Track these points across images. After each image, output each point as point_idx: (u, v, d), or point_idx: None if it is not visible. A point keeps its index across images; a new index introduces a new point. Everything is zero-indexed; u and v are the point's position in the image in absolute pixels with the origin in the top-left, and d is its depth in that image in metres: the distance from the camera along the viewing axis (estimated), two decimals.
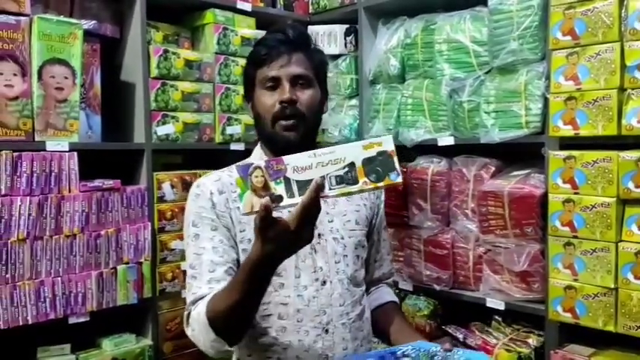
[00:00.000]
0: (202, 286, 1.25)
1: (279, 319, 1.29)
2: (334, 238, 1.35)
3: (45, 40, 1.78)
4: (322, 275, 1.32)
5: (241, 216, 1.29)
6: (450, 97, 2.05)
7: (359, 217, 1.42)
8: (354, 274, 1.37)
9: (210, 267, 1.26)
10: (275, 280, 1.27)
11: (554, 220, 1.69)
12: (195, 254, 1.29)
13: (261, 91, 1.33)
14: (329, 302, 1.31)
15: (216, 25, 2.25)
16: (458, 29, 2.02)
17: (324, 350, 1.30)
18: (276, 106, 1.30)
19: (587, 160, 1.62)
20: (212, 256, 1.27)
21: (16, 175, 1.72)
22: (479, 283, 2.01)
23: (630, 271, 1.56)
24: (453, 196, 2.07)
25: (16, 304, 1.71)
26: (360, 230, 1.41)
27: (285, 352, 1.29)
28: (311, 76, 1.34)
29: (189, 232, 1.31)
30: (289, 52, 1.31)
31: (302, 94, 1.32)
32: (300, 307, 1.29)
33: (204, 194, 1.31)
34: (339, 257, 1.35)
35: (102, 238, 1.90)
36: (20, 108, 1.75)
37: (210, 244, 1.28)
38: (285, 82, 1.30)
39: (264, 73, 1.32)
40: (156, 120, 2.09)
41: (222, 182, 1.33)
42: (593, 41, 1.61)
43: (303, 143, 1.31)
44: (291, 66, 1.31)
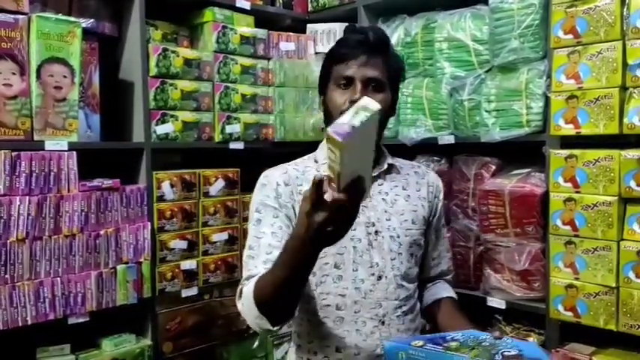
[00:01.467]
0: (258, 265, 1.30)
1: (337, 309, 1.36)
2: (391, 236, 1.40)
3: (43, 38, 1.77)
4: (378, 270, 1.38)
5: None
6: (450, 95, 2.04)
7: (416, 216, 1.46)
8: (407, 271, 1.42)
9: (268, 249, 1.31)
10: (334, 272, 1.36)
11: (556, 219, 1.69)
12: (255, 237, 1.35)
13: (334, 87, 1.38)
14: (385, 296, 1.37)
15: (215, 23, 2.24)
16: (458, 27, 2.01)
17: (382, 341, 1.35)
18: (345, 105, 1.33)
19: (589, 159, 1.62)
20: (271, 240, 1.32)
21: (15, 174, 1.71)
22: (479, 282, 2.01)
23: (632, 270, 1.56)
24: (453, 195, 2.07)
25: (15, 304, 1.70)
26: (416, 230, 1.46)
27: (344, 340, 1.35)
28: (384, 80, 1.37)
29: (252, 217, 1.38)
30: (367, 54, 1.35)
31: (373, 97, 1.32)
32: (357, 299, 1.36)
33: (271, 184, 1.39)
34: (394, 254, 1.40)
35: (101, 238, 1.89)
36: (19, 107, 1.73)
37: (270, 229, 1.34)
38: (358, 82, 1.34)
39: (339, 71, 1.37)
40: (155, 119, 2.08)
41: (289, 175, 1.41)
42: (594, 40, 1.61)
43: None
44: (366, 68, 1.35)
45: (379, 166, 1.46)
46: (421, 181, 1.52)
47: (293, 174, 1.41)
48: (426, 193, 1.51)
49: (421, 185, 1.52)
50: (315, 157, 1.48)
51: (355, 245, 1.37)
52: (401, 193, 1.47)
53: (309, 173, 1.42)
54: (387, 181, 1.47)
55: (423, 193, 1.51)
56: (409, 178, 1.51)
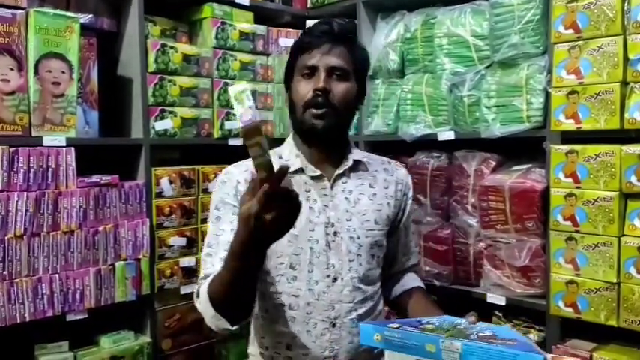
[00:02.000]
0: (215, 263, 1.29)
1: (290, 309, 1.34)
2: (350, 237, 1.37)
3: (41, 33, 1.76)
4: (334, 272, 1.35)
5: None
6: (450, 91, 2.03)
7: (379, 216, 1.43)
8: (366, 272, 1.39)
9: (226, 246, 1.27)
10: (289, 272, 1.33)
11: (556, 215, 1.69)
12: (214, 234, 1.34)
13: (298, 78, 1.35)
14: (339, 298, 1.34)
15: (214, 19, 2.23)
16: (458, 23, 2.01)
17: (331, 343, 1.33)
18: (309, 94, 1.31)
19: (589, 155, 1.61)
20: (229, 237, 1.27)
21: (13, 170, 1.70)
22: (479, 279, 2.01)
23: (633, 266, 1.55)
24: (453, 192, 2.06)
25: (13, 301, 1.69)
26: (378, 230, 1.42)
27: (294, 340, 1.33)
28: (349, 69, 1.35)
29: (212, 215, 1.37)
30: (331, 43, 1.33)
31: (336, 86, 1.32)
32: (310, 301, 1.33)
33: (231, 182, 1.36)
34: (352, 256, 1.37)
35: (100, 235, 1.88)
36: (17, 103, 1.73)
37: (229, 226, 1.31)
38: (321, 71, 1.32)
39: (303, 60, 1.34)
40: (154, 115, 2.07)
41: (250, 172, 1.36)
42: (595, 35, 1.60)
43: (332, 134, 1.35)
44: (330, 56, 1.32)
45: (344, 163, 1.41)
46: (390, 179, 1.48)
47: (254, 171, 1.36)
48: (394, 192, 1.47)
49: (389, 183, 1.48)
50: (279, 153, 1.44)
51: (312, 246, 1.34)
52: (366, 192, 1.42)
53: None
54: (351, 179, 1.42)
55: (390, 191, 1.47)
56: (377, 175, 1.47)
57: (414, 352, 1.06)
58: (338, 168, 1.40)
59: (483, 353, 0.99)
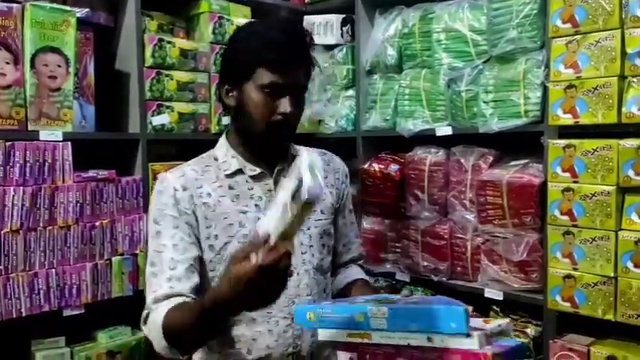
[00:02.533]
0: (162, 284, 1.23)
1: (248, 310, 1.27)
2: (300, 229, 1.33)
3: (38, 27, 1.75)
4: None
5: (210, 212, 1.28)
6: (448, 86, 2.03)
7: (324, 205, 1.41)
8: (320, 262, 1.38)
9: (171, 264, 1.24)
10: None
11: (554, 209, 1.69)
12: (155, 251, 1.27)
13: (258, 91, 1.25)
14: (297, 292, 1.32)
15: (211, 14, 2.23)
16: (456, 18, 2.00)
17: (294, 339, 1.31)
18: (276, 116, 1.25)
19: (587, 149, 1.61)
20: (172, 254, 1.25)
21: (9, 164, 1.69)
22: (477, 274, 2.00)
23: (630, 260, 1.55)
24: (450, 187, 2.06)
25: (9, 296, 1.69)
26: (325, 219, 1.41)
27: (255, 342, 1.29)
28: (307, 85, 1.32)
29: (151, 229, 1.30)
30: (297, 61, 1.27)
31: (298, 106, 1.29)
32: None
33: (167, 191, 1.29)
34: (305, 248, 1.35)
35: (96, 230, 1.88)
36: (13, 97, 1.72)
37: (170, 241, 1.26)
38: (290, 93, 1.25)
39: (267, 76, 1.24)
40: (151, 110, 2.06)
41: (187, 178, 1.31)
42: (593, 29, 1.60)
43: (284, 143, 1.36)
44: (296, 76, 1.27)
45: (284, 159, 1.37)
46: (327, 168, 1.46)
47: (191, 176, 1.31)
48: (333, 180, 1.46)
49: (328, 172, 1.45)
50: (214, 155, 1.38)
51: None
52: None
53: (208, 173, 1.33)
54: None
55: (330, 180, 1.45)
56: None
57: (345, 326, 1.05)
58: (278, 164, 1.36)
59: (409, 314, 1.00)
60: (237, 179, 1.33)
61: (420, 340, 0.99)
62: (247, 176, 1.34)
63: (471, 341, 0.94)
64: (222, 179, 1.33)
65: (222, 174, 1.33)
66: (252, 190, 1.33)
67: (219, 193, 1.31)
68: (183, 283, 1.23)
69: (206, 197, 1.30)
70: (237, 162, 1.34)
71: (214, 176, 1.33)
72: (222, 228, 1.29)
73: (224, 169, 1.34)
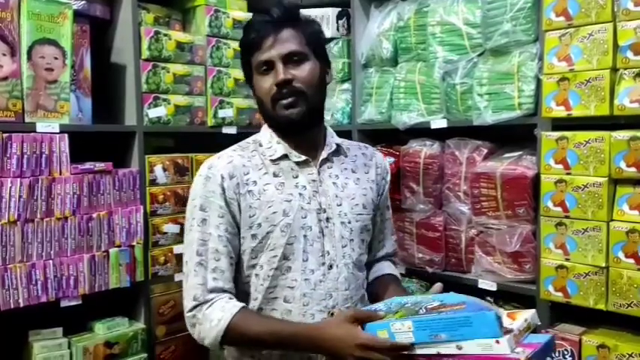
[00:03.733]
0: (207, 276, 1.25)
1: (285, 302, 1.29)
2: (342, 222, 1.35)
3: (34, 19, 1.76)
4: (329, 259, 1.32)
5: (255, 200, 1.29)
6: (443, 79, 2.04)
7: (366, 200, 1.41)
8: (359, 257, 1.38)
9: (216, 256, 1.27)
10: (283, 264, 1.29)
11: (547, 201, 1.71)
12: (201, 240, 1.27)
13: (258, 76, 1.31)
14: (335, 286, 1.32)
15: (207, 7, 2.23)
16: (451, 11, 2.02)
17: None
18: (273, 89, 1.28)
19: (580, 141, 1.63)
20: (217, 245, 1.27)
21: (6, 156, 1.70)
22: (471, 265, 2.03)
23: (621, 250, 1.57)
24: (445, 179, 2.07)
25: (7, 287, 1.70)
26: (366, 214, 1.41)
27: None
28: (304, 50, 1.31)
29: (196, 215, 1.28)
30: (276, 31, 1.28)
31: (297, 71, 1.29)
32: (306, 291, 1.29)
33: (215, 178, 1.29)
34: (345, 241, 1.35)
35: (94, 221, 1.89)
36: (10, 88, 1.72)
37: (216, 231, 1.27)
38: (277, 63, 1.28)
39: (256, 58, 1.30)
40: (147, 102, 2.07)
41: (234, 165, 1.31)
42: (586, 22, 1.62)
43: (308, 119, 1.32)
44: (280, 45, 1.28)
45: (327, 147, 1.38)
46: (369, 163, 1.47)
47: (239, 162, 1.31)
48: (374, 175, 1.46)
49: (369, 167, 1.46)
50: (258, 140, 1.39)
51: (306, 234, 1.30)
52: (351, 176, 1.40)
53: (255, 159, 1.34)
54: (335, 164, 1.39)
55: (371, 175, 1.45)
56: (357, 159, 1.45)
57: None
58: (321, 152, 1.37)
59: (435, 324, 1.00)
60: (282, 166, 1.34)
61: (450, 348, 0.98)
62: (293, 162, 1.34)
63: (501, 347, 0.94)
64: (267, 165, 1.33)
65: (268, 159, 1.34)
66: (297, 178, 1.33)
67: (265, 180, 1.31)
68: (225, 276, 1.27)
69: (252, 185, 1.30)
70: (283, 147, 1.34)
71: (260, 162, 1.34)
72: (266, 217, 1.28)
73: (269, 154, 1.34)
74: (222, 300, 1.24)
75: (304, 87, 1.29)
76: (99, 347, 1.91)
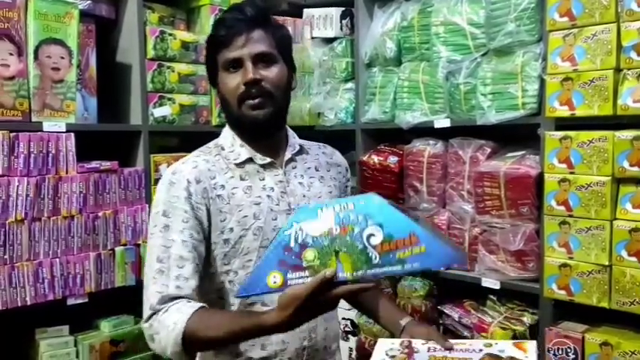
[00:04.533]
0: (169, 283, 1.19)
1: (263, 305, 1.26)
2: None
3: (41, 19, 1.77)
4: None
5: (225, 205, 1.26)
6: (446, 79, 2.06)
7: (331, 198, 1.38)
8: None
9: (180, 262, 1.20)
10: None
11: (550, 200, 1.72)
12: (163, 246, 1.22)
13: (225, 74, 1.28)
14: None
15: (212, 6, 2.24)
16: (455, 11, 2.03)
17: (309, 332, 1.30)
18: (240, 88, 1.25)
19: (583, 140, 1.64)
20: (181, 251, 1.21)
21: (14, 155, 1.71)
22: (474, 264, 2.04)
23: (624, 249, 1.59)
24: (449, 178, 2.09)
25: (14, 285, 1.71)
26: None
27: (269, 337, 1.26)
28: (274, 52, 1.29)
29: (158, 222, 1.24)
30: (248, 31, 1.26)
31: (266, 72, 1.27)
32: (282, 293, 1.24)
33: (180, 183, 1.25)
34: None
35: (100, 220, 1.90)
36: (17, 88, 1.73)
37: (180, 236, 1.22)
38: (247, 62, 1.25)
39: (225, 55, 1.26)
40: (152, 102, 2.08)
41: (200, 170, 1.27)
42: (590, 22, 1.63)
43: (274, 121, 1.30)
44: (251, 44, 1.25)
45: (291, 148, 1.37)
46: (330, 161, 1.45)
47: (204, 167, 1.27)
48: (336, 174, 1.45)
49: (331, 165, 1.44)
50: (220, 145, 1.35)
51: None
52: (315, 175, 1.38)
53: (219, 163, 1.30)
54: (299, 164, 1.37)
55: (333, 173, 1.43)
56: (319, 158, 1.43)
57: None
58: (285, 153, 1.35)
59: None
60: (247, 169, 1.31)
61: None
62: (258, 165, 1.32)
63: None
64: (232, 169, 1.31)
65: (232, 163, 1.31)
66: (264, 180, 1.31)
67: (232, 184, 1.29)
68: (189, 284, 1.20)
69: (220, 189, 1.27)
70: (247, 150, 1.32)
71: (225, 166, 1.31)
72: (237, 221, 1.26)
73: (233, 158, 1.31)
74: (180, 303, 1.17)
75: (272, 89, 1.27)
76: (105, 345, 1.93)
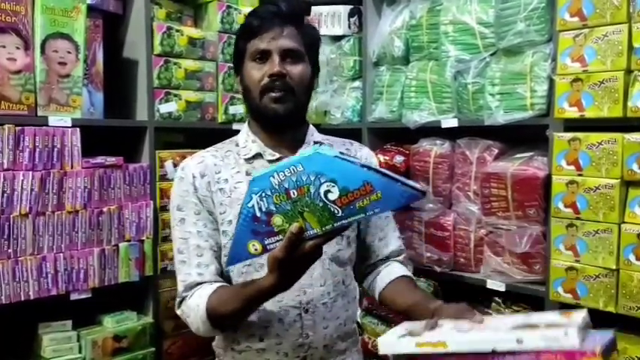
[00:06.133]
0: (192, 271, 1.29)
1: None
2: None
3: (48, 13, 1.77)
4: None
5: (226, 198, 1.31)
6: (454, 78, 2.04)
7: None
8: (336, 253, 1.36)
9: (198, 251, 1.30)
10: (256, 260, 1.28)
11: (557, 202, 1.70)
12: (181, 239, 1.32)
13: (251, 63, 1.31)
14: (309, 282, 1.30)
15: (219, 2, 2.24)
16: (464, 10, 2.01)
17: (305, 330, 1.30)
18: (264, 79, 1.28)
19: (592, 142, 1.62)
20: (198, 241, 1.30)
21: (19, 149, 1.71)
22: (480, 265, 2.02)
23: (632, 253, 1.56)
24: (455, 178, 2.07)
25: (18, 279, 1.71)
26: None
27: (266, 330, 1.30)
28: (302, 51, 1.32)
29: (175, 216, 1.34)
30: (281, 25, 1.29)
31: (292, 69, 1.30)
32: None
33: (187, 178, 1.33)
34: None
35: (104, 215, 1.90)
36: (23, 82, 1.73)
37: (195, 228, 1.31)
38: (275, 55, 1.28)
39: (254, 45, 1.30)
40: (159, 98, 2.08)
41: (205, 164, 1.34)
42: (600, 22, 1.61)
43: (292, 118, 1.33)
44: (282, 39, 1.29)
45: (305, 145, 1.39)
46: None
47: (210, 162, 1.35)
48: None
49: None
50: (236, 140, 1.42)
51: None
52: None
53: (228, 158, 1.36)
54: None
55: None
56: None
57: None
58: (298, 150, 1.37)
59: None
60: (255, 165, 1.35)
61: (508, 343, 0.88)
62: (266, 161, 1.35)
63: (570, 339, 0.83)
64: (241, 164, 1.35)
65: (242, 159, 1.35)
66: None
67: (237, 179, 1.33)
68: (210, 269, 1.29)
69: (223, 183, 1.32)
70: (257, 146, 1.36)
71: (234, 161, 1.36)
72: (235, 214, 1.27)
73: (244, 154, 1.36)
74: (201, 288, 1.28)
75: (295, 85, 1.30)
76: (107, 340, 1.93)
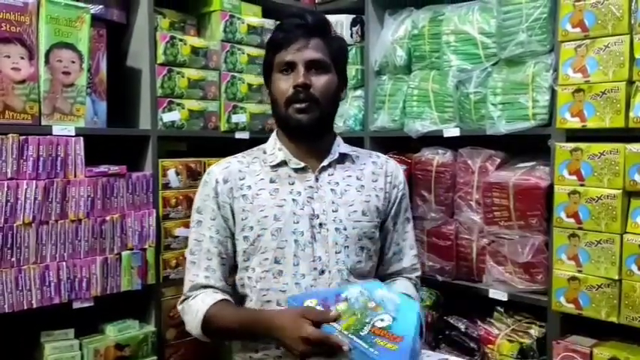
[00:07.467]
0: (199, 273, 1.36)
1: (278, 305, 1.31)
2: (336, 228, 1.35)
3: (52, 23, 1.78)
4: (321, 265, 1.33)
5: (248, 204, 1.35)
6: (456, 88, 2.05)
7: (367, 207, 1.40)
8: (355, 265, 1.36)
9: (208, 255, 1.36)
10: (275, 267, 1.32)
11: (560, 212, 1.70)
12: (195, 240, 1.40)
13: (278, 75, 1.36)
14: None
15: (222, 12, 2.24)
16: (466, 20, 2.02)
17: None
18: (290, 90, 1.32)
19: (594, 152, 1.63)
20: (209, 245, 1.37)
21: (23, 158, 1.72)
22: (482, 275, 2.02)
23: (634, 263, 1.57)
24: (457, 188, 2.07)
25: (20, 287, 1.71)
26: (367, 222, 1.40)
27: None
28: (328, 61, 1.35)
29: (194, 217, 1.41)
30: (306, 37, 1.33)
31: (317, 80, 1.33)
32: None
33: (210, 182, 1.39)
34: (339, 248, 1.35)
35: (107, 224, 1.90)
36: (27, 91, 1.74)
37: (209, 232, 1.37)
38: (300, 66, 1.32)
39: (280, 57, 1.34)
40: (162, 107, 2.09)
41: (230, 170, 1.39)
42: (602, 33, 1.61)
43: (317, 127, 1.36)
44: (307, 51, 1.32)
45: (330, 155, 1.41)
46: (379, 171, 1.47)
47: (235, 168, 1.40)
48: (384, 184, 1.46)
49: (378, 175, 1.46)
50: (263, 148, 1.46)
51: (297, 239, 1.32)
52: (353, 184, 1.41)
53: (254, 165, 1.41)
54: (338, 171, 1.42)
55: (380, 183, 1.45)
56: (365, 168, 1.46)
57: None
58: (323, 160, 1.40)
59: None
60: (279, 172, 1.38)
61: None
62: (290, 169, 1.38)
63: None
64: (266, 171, 1.39)
65: (268, 166, 1.40)
66: (293, 185, 1.37)
67: (260, 185, 1.37)
68: (216, 275, 1.36)
69: (246, 189, 1.37)
70: (283, 154, 1.40)
71: (259, 168, 1.40)
72: (257, 220, 1.34)
73: (270, 160, 1.40)
74: (205, 293, 1.33)
75: (319, 95, 1.33)
76: (110, 349, 1.92)
